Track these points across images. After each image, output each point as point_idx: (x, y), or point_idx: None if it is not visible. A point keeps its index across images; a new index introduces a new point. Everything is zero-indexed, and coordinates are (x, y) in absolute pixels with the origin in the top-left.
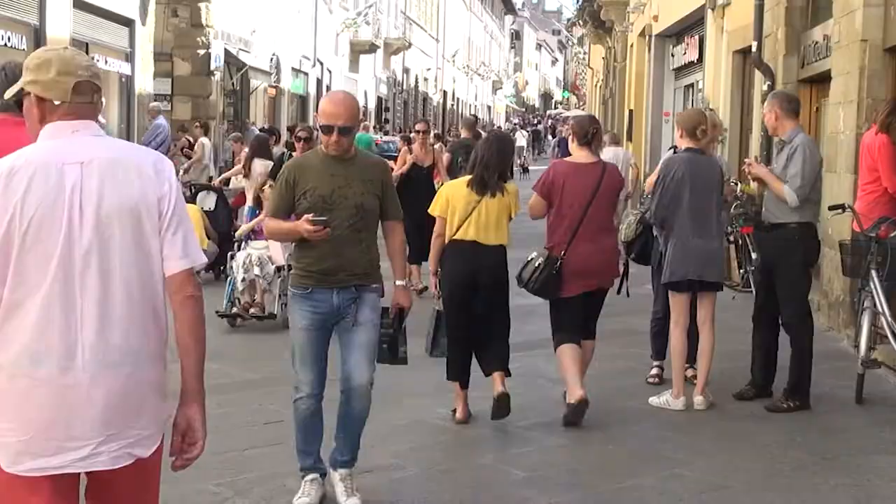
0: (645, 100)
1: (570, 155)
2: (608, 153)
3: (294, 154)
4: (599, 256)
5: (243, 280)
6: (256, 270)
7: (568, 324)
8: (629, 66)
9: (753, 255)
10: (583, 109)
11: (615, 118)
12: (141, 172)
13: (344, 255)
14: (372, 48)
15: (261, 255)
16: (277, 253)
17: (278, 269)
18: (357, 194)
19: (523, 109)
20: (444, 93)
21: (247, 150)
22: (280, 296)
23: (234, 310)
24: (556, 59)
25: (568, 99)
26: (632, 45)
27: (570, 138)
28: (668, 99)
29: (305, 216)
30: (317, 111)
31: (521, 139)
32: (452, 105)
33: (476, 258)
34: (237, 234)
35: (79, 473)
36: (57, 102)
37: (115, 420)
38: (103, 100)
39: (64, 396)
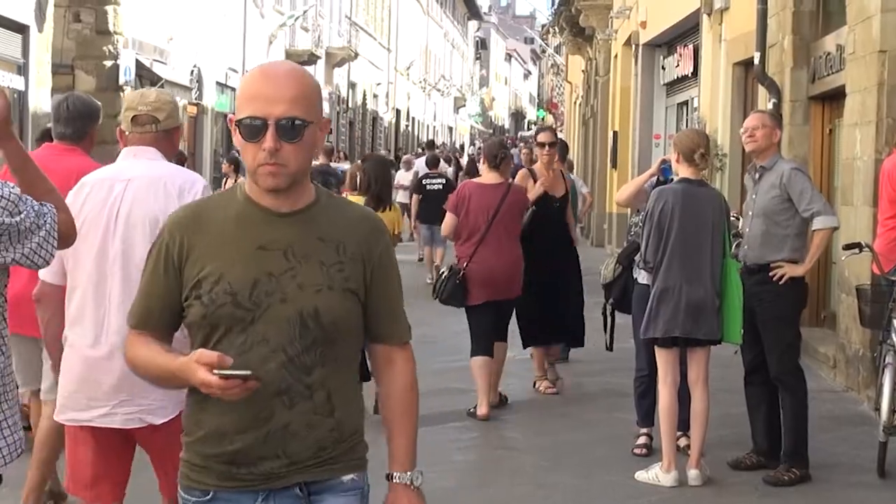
0: (632, 120)
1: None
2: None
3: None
4: (503, 268)
5: None
6: None
7: (480, 332)
8: (613, 80)
9: None
10: (560, 131)
11: (597, 142)
12: (168, 191)
13: (276, 422)
14: (311, 59)
15: None
16: None
17: None
18: (309, 289)
19: (490, 131)
20: (398, 111)
21: None
22: None
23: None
24: (529, 72)
25: (543, 119)
26: (616, 56)
27: (480, 160)
28: (658, 119)
29: (203, 353)
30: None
31: None
32: (407, 126)
33: None
34: None
35: (121, 432)
36: (127, 133)
37: (126, 388)
38: (177, 126)
39: (91, 365)
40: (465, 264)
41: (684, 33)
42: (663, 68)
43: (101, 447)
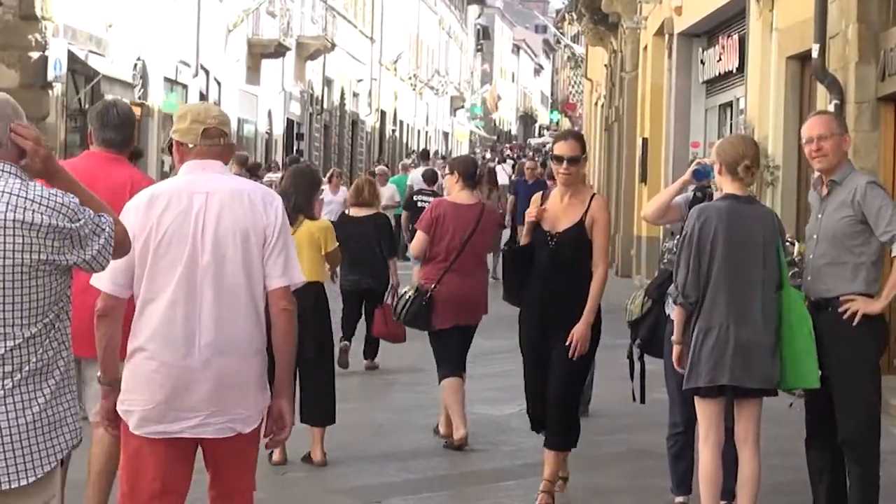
0: (664, 125)
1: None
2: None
3: None
4: (471, 291)
5: None
6: None
7: (447, 357)
8: (642, 76)
9: None
10: None
11: (622, 151)
12: (252, 203)
13: None
14: (279, 51)
15: None
16: None
17: None
18: None
19: (495, 137)
20: (382, 113)
21: None
22: None
23: None
24: (541, 67)
25: (558, 123)
26: (645, 48)
27: (454, 179)
28: (697, 123)
29: None
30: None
31: (503, 175)
32: (394, 131)
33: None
34: None
35: (192, 443)
36: (191, 146)
37: (220, 398)
38: (233, 142)
39: (182, 376)
40: (433, 286)
41: (728, 21)
42: (702, 63)
43: (170, 460)
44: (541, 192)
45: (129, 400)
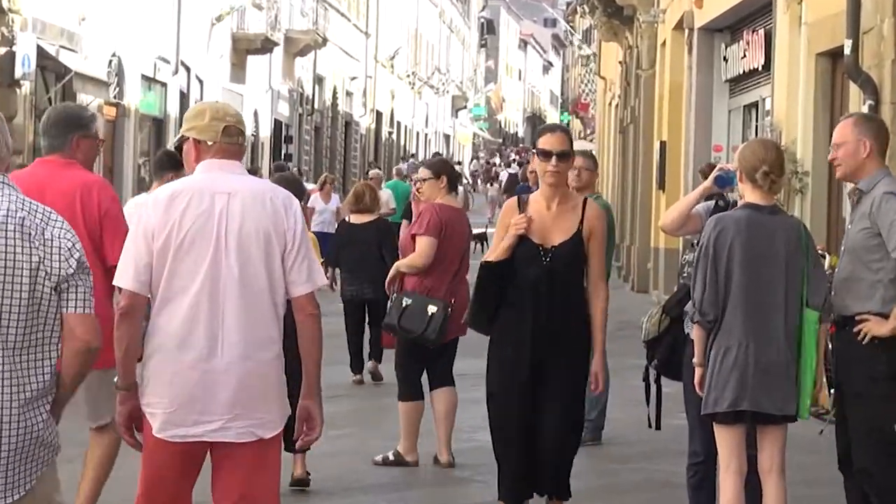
0: (684, 127)
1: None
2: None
3: None
4: (468, 299)
5: None
6: None
7: (415, 374)
8: (660, 75)
9: None
10: (591, 140)
11: (638, 155)
12: (274, 206)
13: None
14: (266, 46)
15: None
16: None
17: None
18: None
19: (500, 140)
20: (378, 114)
21: None
22: None
23: None
24: (551, 64)
25: (569, 124)
26: (664, 44)
27: (441, 183)
28: (719, 126)
29: None
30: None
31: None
32: (390, 133)
33: None
34: None
35: (205, 447)
36: (210, 143)
37: (241, 402)
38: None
39: (204, 379)
40: (452, 301)
41: (753, 14)
42: (725, 60)
43: (185, 465)
44: (516, 197)
45: (153, 403)
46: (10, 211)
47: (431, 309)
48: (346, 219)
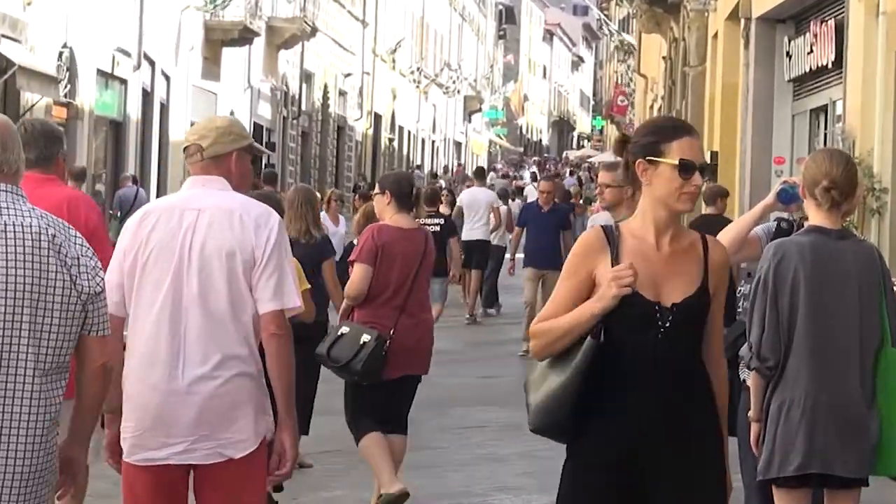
0: (740, 134)
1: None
2: (466, 196)
3: None
4: (420, 334)
5: None
6: None
7: (377, 412)
8: (711, 73)
9: None
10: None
11: None
12: (243, 223)
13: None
14: (245, 37)
15: None
16: None
17: None
18: None
19: (521, 149)
20: (376, 117)
21: None
22: None
23: None
24: (581, 59)
25: (602, 130)
26: (715, 36)
27: (386, 199)
28: (781, 133)
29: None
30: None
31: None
32: (391, 139)
33: None
34: None
35: (183, 469)
36: (191, 160)
37: (207, 422)
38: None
39: (168, 400)
40: (391, 333)
41: (822, 2)
42: (789, 56)
43: (162, 491)
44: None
45: (125, 426)
46: (40, 227)
47: (364, 338)
48: (354, 241)
